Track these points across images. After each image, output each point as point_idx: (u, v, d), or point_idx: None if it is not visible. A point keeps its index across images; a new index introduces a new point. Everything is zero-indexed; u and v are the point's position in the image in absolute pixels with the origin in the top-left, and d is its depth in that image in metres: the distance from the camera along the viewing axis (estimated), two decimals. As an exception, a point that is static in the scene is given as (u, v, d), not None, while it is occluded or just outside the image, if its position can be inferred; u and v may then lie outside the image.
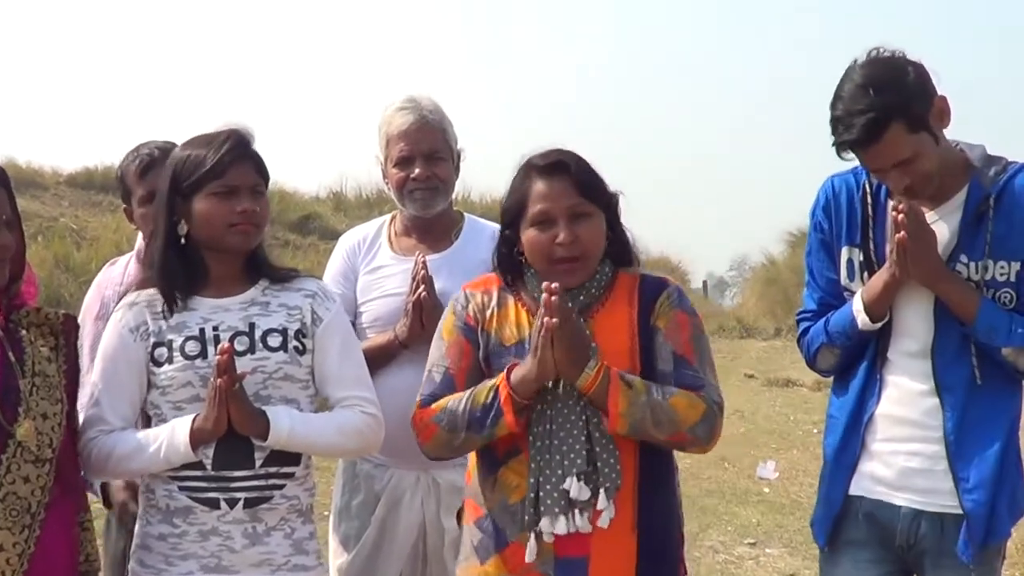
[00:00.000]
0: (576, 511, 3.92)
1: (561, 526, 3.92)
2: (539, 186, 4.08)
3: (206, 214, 4.11)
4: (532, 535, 3.95)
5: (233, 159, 4.11)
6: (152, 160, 4.85)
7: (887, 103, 4.04)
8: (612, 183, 4.20)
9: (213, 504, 4.02)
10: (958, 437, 4.24)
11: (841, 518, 4.46)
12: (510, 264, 4.21)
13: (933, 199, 4.26)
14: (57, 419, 3.80)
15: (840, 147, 4.17)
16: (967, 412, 4.24)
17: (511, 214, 4.17)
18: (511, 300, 4.18)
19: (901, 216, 4.11)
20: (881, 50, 4.18)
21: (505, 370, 3.99)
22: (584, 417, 3.97)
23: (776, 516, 10.74)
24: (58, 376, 3.94)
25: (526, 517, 3.96)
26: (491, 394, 3.97)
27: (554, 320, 3.81)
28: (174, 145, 4.54)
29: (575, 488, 3.91)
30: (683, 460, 12.70)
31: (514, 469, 4.04)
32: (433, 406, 4.10)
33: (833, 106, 4.17)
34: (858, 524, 4.42)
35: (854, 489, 4.42)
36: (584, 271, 4.08)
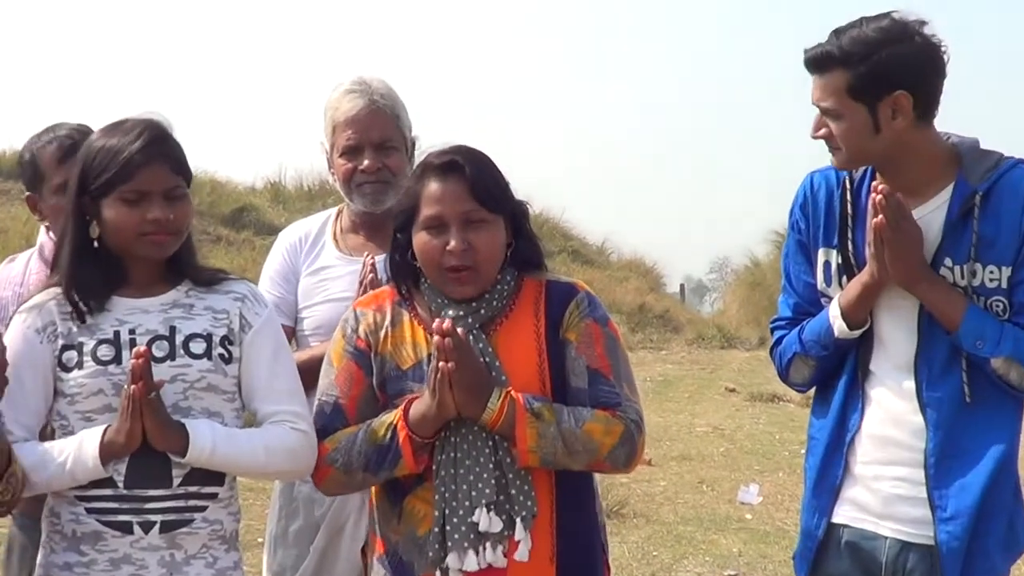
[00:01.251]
0: (488, 544, 3.92)
1: (471, 562, 3.92)
2: (432, 187, 4.07)
3: (114, 222, 4.05)
4: (438, 572, 3.96)
5: (145, 160, 4.02)
6: (73, 144, 4.76)
7: (847, 51, 4.11)
8: (518, 191, 4.23)
9: (125, 528, 3.97)
10: (939, 460, 4.22)
11: (823, 549, 4.44)
12: (405, 271, 4.19)
13: (915, 195, 4.25)
14: None
15: (804, 60, 4.25)
16: (953, 433, 4.23)
17: (404, 216, 4.15)
18: (406, 317, 4.16)
19: (879, 197, 4.11)
20: (920, 21, 4.16)
21: (403, 406, 3.99)
22: (491, 442, 3.98)
23: (759, 545, 10.78)
24: None
25: (430, 552, 3.97)
26: (389, 432, 3.97)
27: (449, 364, 3.81)
28: (91, 130, 4.50)
29: (485, 520, 3.92)
30: (658, 483, 12.84)
31: (422, 498, 4.04)
32: (326, 443, 4.09)
33: None
34: (840, 556, 4.40)
35: (836, 517, 4.40)
36: (478, 282, 4.07)
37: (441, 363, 3.80)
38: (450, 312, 4.03)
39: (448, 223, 4.01)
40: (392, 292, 4.22)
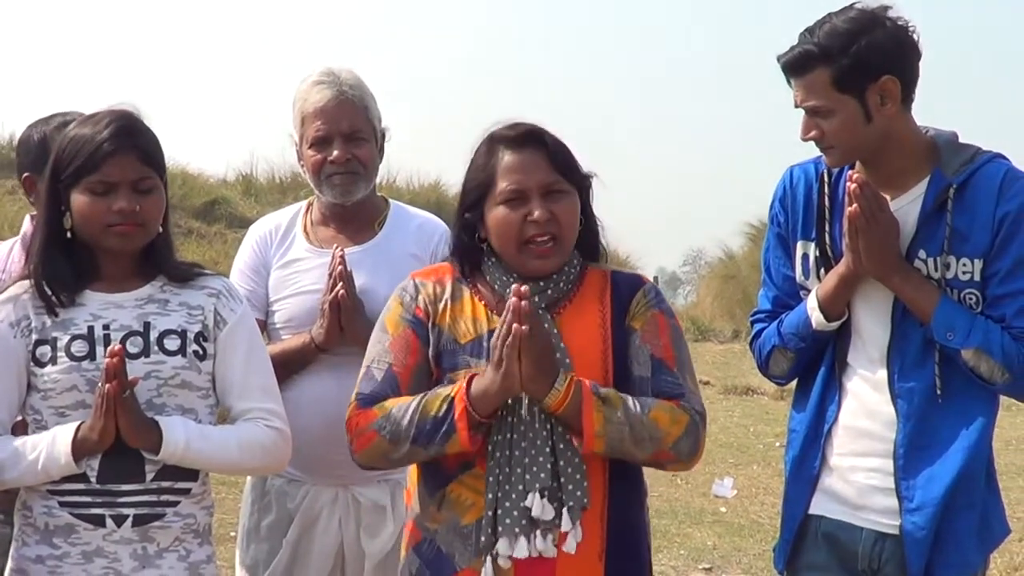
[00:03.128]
0: (538, 532, 3.85)
1: (522, 549, 3.84)
2: (509, 159, 4.02)
3: (82, 212, 4.06)
4: (488, 559, 3.88)
5: (112, 150, 4.02)
6: None
7: (826, 46, 4.15)
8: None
9: (98, 521, 3.98)
10: (908, 451, 4.27)
11: (800, 539, 4.47)
12: (470, 253, 4.14)
13: (893, 187, 4.30)
14: None
15: (781, 66, 4.28)
16: (923, 424, 4.27)
17: (474, 195, 4.09)
18: (467, 293, 4.10)
19: (854, 186, 4.16)
20: (883, 7, 4.22)
21: (465, 380, 3.89)
22: (549, 426, 3.91)
23: (734, 538, 10.82)
24: None
25: (482, 539, 3.89)
26: (445, 406, 3.86)
27: (524, 327, 3.74)
28: None
29: (538, 506, 3.84)
30: (631, 476, 12.65)
31: (468, 485, 3.96)
32: (374, 409, 3.97)
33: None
34: (818, 546, 4.43)
35: (814, 508, 4.44)
36: (560, 255, 4.03)
37: (515, 325, 3.72)
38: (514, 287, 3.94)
39: (529, 194, 3.97)
40: (452, 268, 4.16)
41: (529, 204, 3.96)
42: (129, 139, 4.06)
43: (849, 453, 4.36)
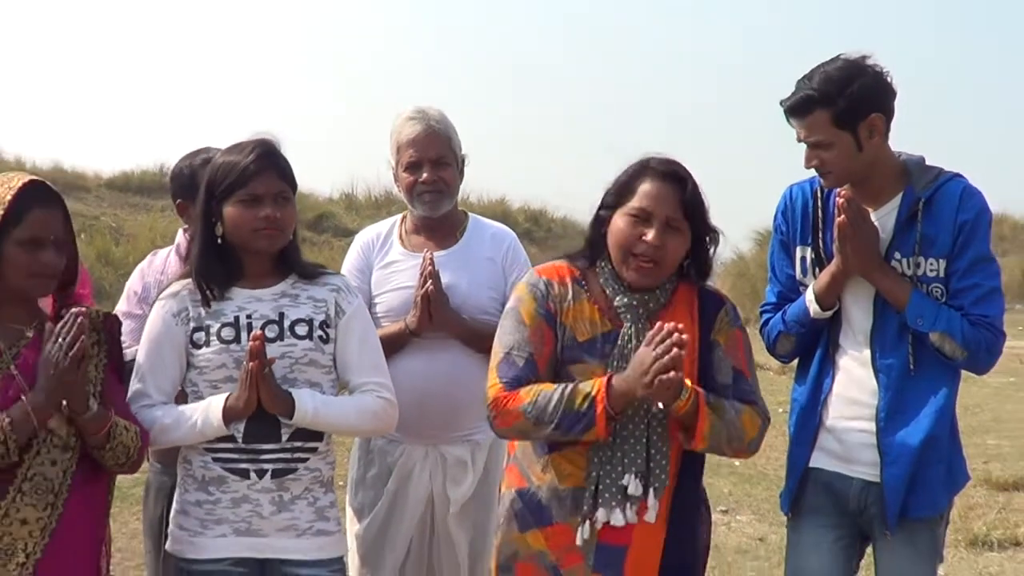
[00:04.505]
0: (628, 504, 3.88)
1: (618, 517, 3.86)
2: (648, 186, 3.98)
3: (234, 219, 4.12)
4: (588, 523, 3.90)
5: (258, 169, 4.11)
6: None
7: (824, 92, 4.20)
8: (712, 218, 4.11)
9: (243, 474, 4.05)
10: (888, 415, 4.30)
11: (802, 487, 4.50)
12: (594, 243, 4.11)
13: (873, 201, 4.34)
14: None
15: (785, 109, 4.31)
16: (900, 394, 4.30)
17: (611, 199, 4.06)
18: (584, 296, 4.05)
19: (842, 201, 4.22)
20: (864, 56, 4.28)
21: (604, 381, 3.84)
22: (645, 421, 3.92)
23: (746, 487, 10.72)
24: (96, 371, 3.96)
25: (585, 506, 3.90)
26: (587, 403, 3.82)
27: (682, 353, 3.72)
28: None
29: (632, 484, 3.87)
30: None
31: (569, 458, 3.96)
32: (521, 392, 3.91)
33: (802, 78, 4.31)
34: (817, 493, 4.46)
35: (813, 462, 4.46)
36: (655, 277, 4.00)
37: (674, 350, 3.68)
38: (624, 300, 3.98)
39: (652, 219, 3.94)
40: (569, 269, 4.11)
41: (649, 227, 3.94)
42: (270, 161, 4.14)
43: (841, 417, 4.40)
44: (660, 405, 3.87)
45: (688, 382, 3.83)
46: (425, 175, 5.01)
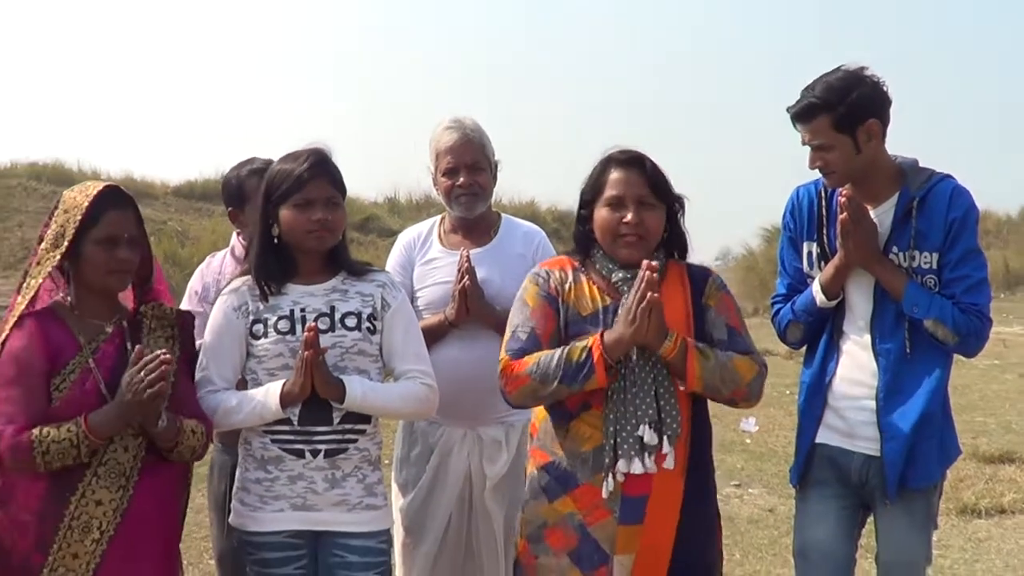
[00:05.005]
0: (645, 454, 3.91)
1: (637, 466, 3.89)
2: (615, 175, 4.10)
3: (288, 222, 4.15)
4: (610, 475, 3.93)
5: (311, 176, 4.13)
6: None
7: (826, 99, 4.24)
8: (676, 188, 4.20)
9: (299, 454, 4.07)
10: (886, 395, 4.32)
11: (809, 462, 4.52)
12: (582, 239, 4.21)
13: (873, 200, 4.36)
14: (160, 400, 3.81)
15: (791, 116, 4.35)
16: (898, 375, 4.32)
17: (588, 195, 4.17)
18: (583, 278, 4.14)
19: (844, 200, 4.25)
20: (863, 68, 4.30)
21: (597, 334, 3.93)
22: (652, 375, 3.96)
23: (756, 462, 10.69)
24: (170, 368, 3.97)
25: (606, 460, 3.93)
26: (584, 353, 3.90)
27: (655, 295, 3.81)
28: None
29: (648, 434, 3.90)
30: (679, 417, 12.37)
31: (587, 421, 4.00)
32: (526, 358, 4.00)
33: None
34: (822, 467, 4.48)
35: (819, 438, 4.48)
36: (643, 250, 4.06)
37: (650, 293, 3.79)
38: (620, 274, 4.04)
39: (626, 202, 4.05)
40: (570, 261, 4.21)
41: (625, 210, 4.05)
42: (322, 168, 4.17)
43: (844, 397, 4.41)
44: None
45: (673, 331, 3.91)
46: (461, 179, 5.02)
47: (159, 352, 3.75)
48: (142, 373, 3.71)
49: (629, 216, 4.04)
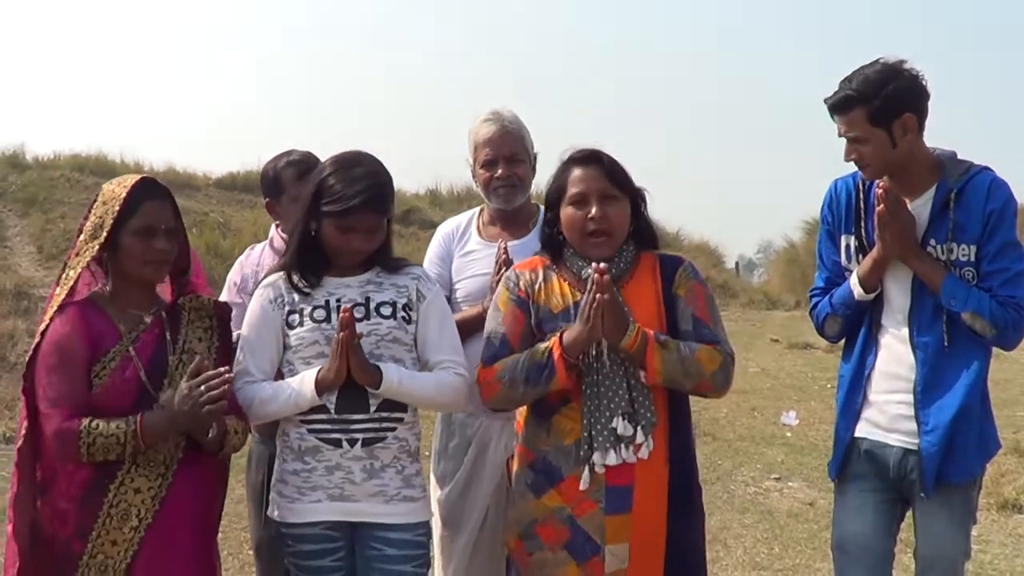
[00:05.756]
0: (622, 446, 3.99)
1: (612, 458, 3.99)
2: (576, 173, 4.19)
3: (329, 236, 4.16)
4: (586, 468, 4.01)
5: (358, 207, 4.09)
6: (306, 168, 4.85)
7: (862, 92, 4.23)
8: (639, 181, 4.28)
9: (336, 444, 4.07)
10: (924, 388, 4.30)
11: (848, 456, 4.51)
12: (553, 242, 4.28)
13: (910, 192, 4.34)
14: None
15: (828, 107, 4.35)
16: (936, 368, 4.30)
17: (553, 198, 4.25)
18: (554, 276, 4.22)
19: (881, 192, 4.24)
20: (902, 61, 4.29)
21: (557, 335, 4.03)
22: (624, 368, 4.02)
23: (797, 456, 10.72)
24: (207, 353, 4.04)
25: (581, 452, 4.02)
26: (545, 354, 4.01)
27: (605, 296, 3.87)
28: (315, 156, 4.78)
29: (621, 426, 3.99)
30: (720, 410, 12.70)
31: (567, 415, 4.09)
32: (496, 365, 4.13)
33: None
34: (860, 460, 4.47)
35: (858, 432, 4.47)
36: (611, 244, 4.15)
37: (598, 295, 3.86)
38: (589, 270, 4.04)
39: (589, 198, 4.11)
40: (542, 260, 4.29)
41: (589, 206, 4.11)
42: (374, 200, 4.12)
43: (883, 391, 4.40)
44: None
45: (635, 323, 3.98)
46: (500, 171, 5.02)
47: (223, 369, 3.81)
48: (203, 387, 3.76)
49: (593, 211, 4.11)
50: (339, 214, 4.10)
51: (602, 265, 3.91)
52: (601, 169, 4.16)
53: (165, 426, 3.80)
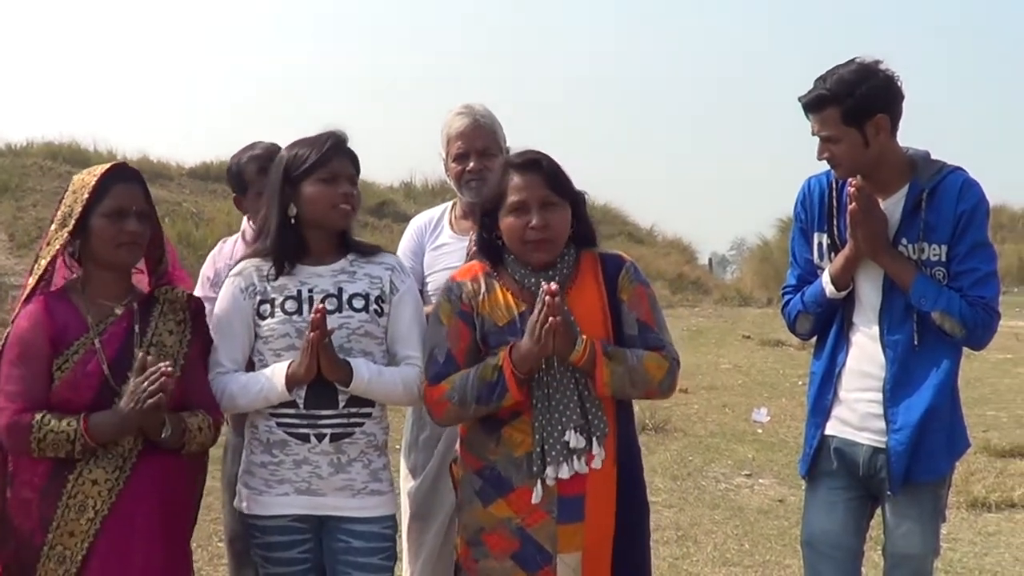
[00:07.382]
0: (574, 458, 3.96)
1: (564, 471, 3.95)
2: (516, 180, 4.09)
3: (314, 196, 4.14)
4: (539, 482, 3.97)
5: (335, 153, 4.16)
6: (269, 161, 4.83)
7: (835, 91, 4.22)
8: (579, 183, 4.22)
9: (304, 438, 4.07)
10: (893, 386, 4.31)
11: (818, 453, 4.51)
12: (490, 248, 4.21)
13: (883, 191, 4.34)
14: None
15: (802, 105, 4.34)
16: (905, 367, 4.30)
17: (490, 204, 4.17)
18: (496, 285, 4.14)
19: (854, 191, 4.25)
20: (877, 61, 4.28)
21: (505, 351, 3.97)
22: (574, 380, 3.99)
23: (767, 452, 10.74)
24: (178, 347, 4.01)
25: (534, 468, 3.98)
26: (496, 372, 3.96)
27: (558, 318, 3.82)
28: (277, 147, 4.68)
29: (574, 439, 3.95)
30: (692, 406, 12.77)
31: (518, 428, 4.03)
32: (442, 384, 4.06)
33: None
34: (830, 458, 4.47)
35: (828, 430, 4.47)
36: (552, 251, 4.09)
37: (551, 318, 3.81)
38: (533, 279, 4.04)
39: (530, 206, 4.04)
40: (481, 266, 4.21)
41: (529, 214, 4.04)
42: (344, 147, 4.22)
43: (854, 389, 4.40)
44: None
45: (583, 336, 3.95)
46: (472, 164, 5.02)
47: (162, 365, 3.76)
48: (145, 384, 3.73)
49: (534, 220, 4.04)
50: (319, 164, 4.13)
51: (553, 286, 3.86)
52: (541, 175, 4.09)
53: (112, 425, 3.76)
